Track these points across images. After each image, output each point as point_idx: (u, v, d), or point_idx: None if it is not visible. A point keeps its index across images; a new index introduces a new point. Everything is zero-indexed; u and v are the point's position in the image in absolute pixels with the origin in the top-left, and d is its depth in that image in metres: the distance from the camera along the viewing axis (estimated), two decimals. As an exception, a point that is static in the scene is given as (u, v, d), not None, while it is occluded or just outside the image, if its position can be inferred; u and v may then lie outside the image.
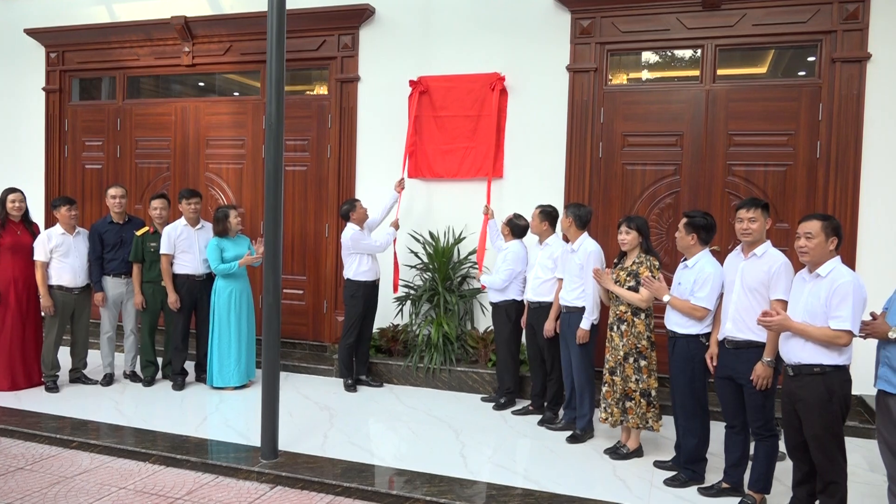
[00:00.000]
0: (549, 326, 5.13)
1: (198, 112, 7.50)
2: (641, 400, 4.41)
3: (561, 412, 5.23)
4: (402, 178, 6.32)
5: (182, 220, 5.99)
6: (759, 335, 3.69)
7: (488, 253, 6.05)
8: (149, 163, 7.74)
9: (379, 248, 6.01)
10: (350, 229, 5.95)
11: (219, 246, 5.83)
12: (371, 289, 6.06)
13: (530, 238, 5.54)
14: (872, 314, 3.31)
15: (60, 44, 7.87)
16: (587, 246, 4.86)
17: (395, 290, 6.34)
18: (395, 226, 6.19)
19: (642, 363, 4.40)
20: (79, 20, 7.76)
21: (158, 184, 7.65)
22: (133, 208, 7.39)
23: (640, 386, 4.40)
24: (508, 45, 6.28)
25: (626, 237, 4.46)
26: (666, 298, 4.13)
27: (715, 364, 3.96)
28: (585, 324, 4.78)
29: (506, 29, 6.29)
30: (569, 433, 4.93)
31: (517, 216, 5.61)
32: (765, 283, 3.70)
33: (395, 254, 6.29)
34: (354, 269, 5.96)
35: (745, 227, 3.77)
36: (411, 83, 6.47)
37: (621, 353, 4.45)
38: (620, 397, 4.47)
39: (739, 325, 3.77)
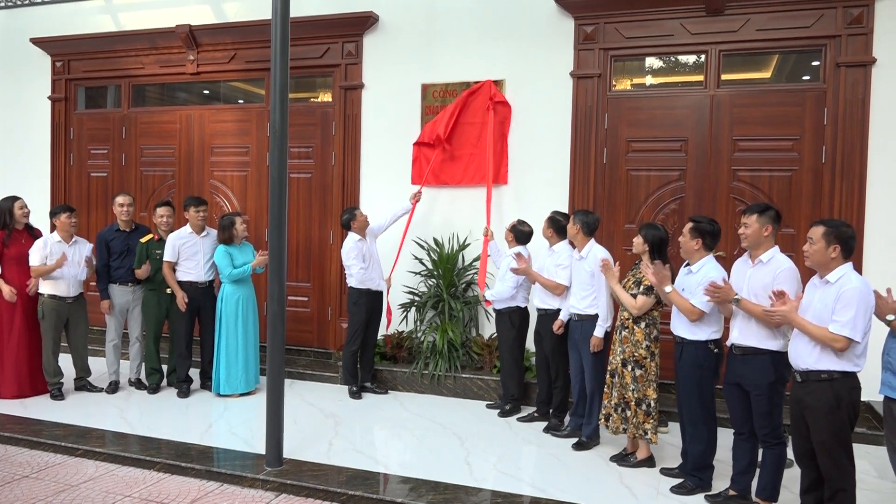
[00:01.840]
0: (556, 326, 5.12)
1: (202, 120, 7.53)
2: (637, 409, 4.38)
3: (566, 419, 5.21)
4: (419, 191, 6.32)
5: (187, 228, 6.00)
6: (766, 342, 3.67)
7: (492, 267, 6.00)
8: (154, 170, 7.76)
9: (363, 279, 5.90)
10: (349, 240, 5.95)
11: (228, 252, 5.84)
12: (374, 296, 6.05)
13: (535, 243, 5.53)
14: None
15: (66, 53, 7.92)
16: (596, 252, 4.83)
17: (388, 327, 6.33)
18: (388, 282, 6.18)
19: (638, 372, 4.36)
20: (84, 29, 7.81)
21: (163, 191, 7.67)
22: (138, 216, 7.40)
23: (636, 395, 4.37)
24: (512, 51, 6.28)
25: (634, 241, 4.48)
26: (668, 289, 4.11)
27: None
28: (599, 331, 4.75)
29: (509, 35, 6.29)
30: (574, 440, 4.91)
31: (521, 222, 5.58)
32: (770, 289, 3.68)
33: (387, 303, 6.21)
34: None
35: (741, 231, 3.85)
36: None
37: (619, 358, 4.44)
38: (619, 403, 4.45)
39: (746, 331, 3.76)
